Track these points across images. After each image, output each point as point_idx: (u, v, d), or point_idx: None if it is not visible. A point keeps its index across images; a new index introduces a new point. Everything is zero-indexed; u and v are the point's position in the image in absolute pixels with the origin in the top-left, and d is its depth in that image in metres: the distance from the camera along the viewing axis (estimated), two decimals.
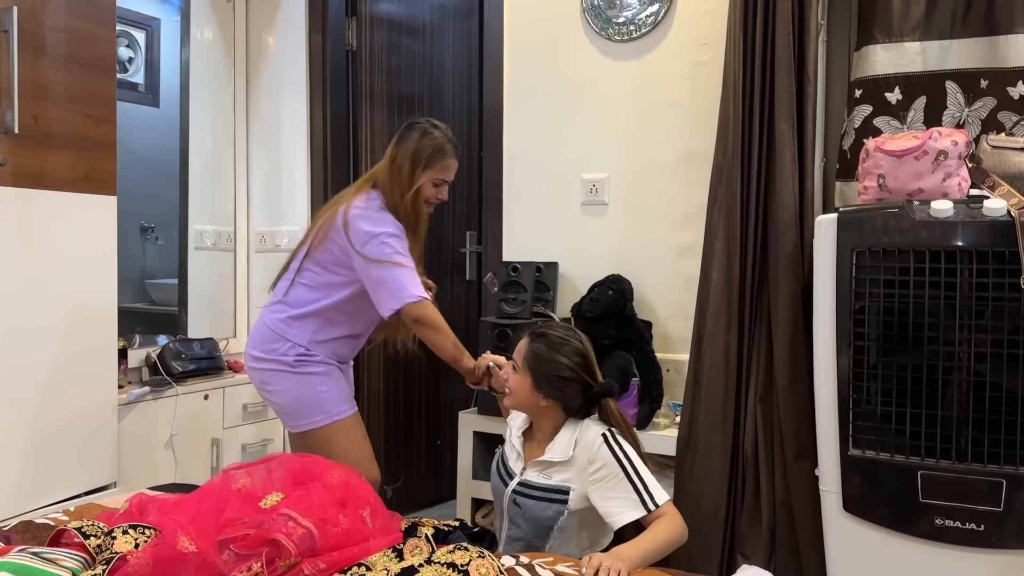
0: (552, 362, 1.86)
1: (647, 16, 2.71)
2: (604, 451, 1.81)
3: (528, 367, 1.88)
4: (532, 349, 1.89)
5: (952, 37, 2.25)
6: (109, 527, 1.51)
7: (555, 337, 1.90)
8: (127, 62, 3.66)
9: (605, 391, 1.89)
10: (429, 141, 2.24)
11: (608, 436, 1.83)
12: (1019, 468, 1.80)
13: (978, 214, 1.83)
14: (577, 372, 1.87)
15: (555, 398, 1.88)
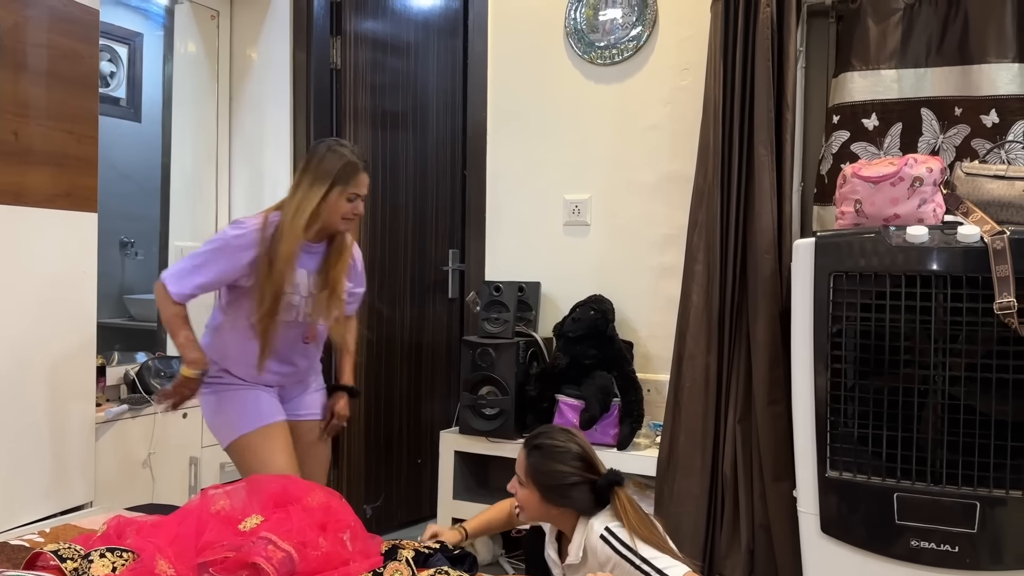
0: (553, 472, 1.84)
1: (629, 41, 2.74)
2: (608, 551, 1.77)
3: (532, 481, 1.86)
4: (531, 463, 1.87)
5: (927, 65, 2.30)
6: (86, 550, 1.49)
7: (550, 446, 1.87)
8: (109, 77, 3.65)
9: (611, 482, 1.85)
10: (335, 157, 2.21)
11: (606, 535, 1.79)
12: (993, 491, 1.83)
13: (952, 240, 1.86)
14: (580, 474, 1.85)
15: (565, 505, 1.86)
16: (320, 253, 2.27)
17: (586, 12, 2.81)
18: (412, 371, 3.54)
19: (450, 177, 3.67)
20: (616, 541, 1.78)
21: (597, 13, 2.79)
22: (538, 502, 1.86)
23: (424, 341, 3.57)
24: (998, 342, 1.82)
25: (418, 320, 3.55)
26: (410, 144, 3.51)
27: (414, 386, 3.54)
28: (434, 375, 3.62)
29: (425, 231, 3.59)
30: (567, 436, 1.89)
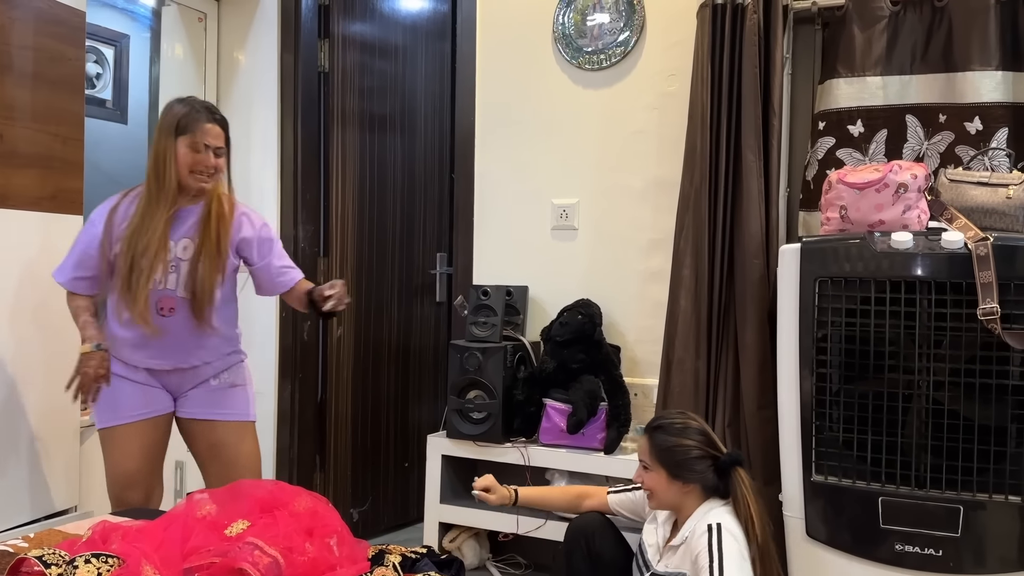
0: (679, 448, 1.93)
1: (617, 46, 2.75)
2: (703, 541, 1.83)
3: (659, 461, 1.94)
4: (656, 443, 1.95)
5: (912, 73, 2.32)
6: (71, 556, 1.48)
7: (671, 424, 1.97)
8: (95, 78, 3.63)
9: (733, 460, 1.93)
10: (176, 108, 2.15)
11: (714, 528, 1.83)
12: (976, 495, 1.84)
13: (937, 246, 1.88)
14: (704, 449, 1.94)
15: (693, 480, 1.93)
16: (192, 217, 2.19)
17: (574, 17, 2.81)
18: (399, 374, 3.53)
19: (438, 180, 3.67)
20: (715, 540, 1.83)
21: (585, 18, 2.80)
22: (666, 482, 1.94)
23: (411, 344, 3.57)
24: (981, 347, 1.83)
25: (405, 323, 3.55)
26: (398, 147, 3.51)
27: (401, 390, 3.54)
28: (421, 379, 3.62)
29: (413, 234, 3.58)
30: (685, 416, 2.01)
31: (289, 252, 3.13)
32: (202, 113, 2.14)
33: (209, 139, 2.14)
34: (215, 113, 2.19)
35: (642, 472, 1.98)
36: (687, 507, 1.94)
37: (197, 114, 2.13)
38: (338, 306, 2.23)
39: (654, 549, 2.02)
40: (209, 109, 2.18)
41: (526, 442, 2.64)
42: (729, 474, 1.92)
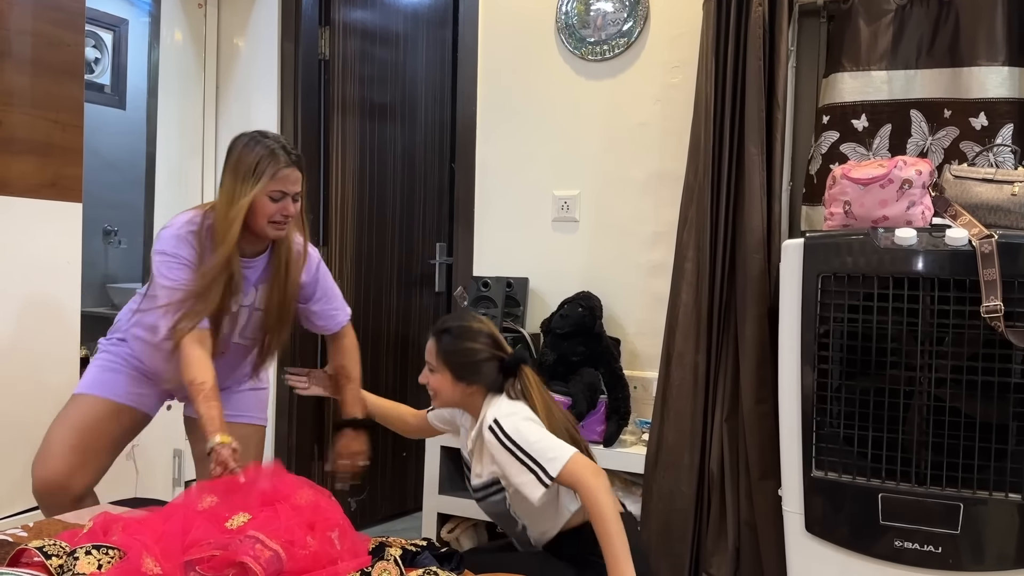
0: (464, 350, 1.91)
1: (620, 37, 2.73)
2: (493, 441, 1.81)
3: (443, 363, 1.92)
4: (442, 346, 1.92)
5: (917, 67, 2.30)
6: (72, 547, 1.48)
7: (458, 327, 1.94)
8: (93, 63, 3.60)
9: (518, 360, 1.92)
10: (254, 150, 1.95)
11: (494, 426, 1.81)
12: (976, 492, 1.84)
13: (941, 243, 1.87)
14: (490, 351, 1.92)
15: (477, 382, 1.91)
16: (259, 267, 2.06)
17: (577, 7, 2.79)
18: (398, 364, 3.53)
19: (438, 170, 3.66)
20: (500, 433, 1.80)
21: (588, 7, 2.78)
22: (450, 384, 1.92)
23: (410, 334, 3.57)
24: (984, 345, 1.83)
25: (404, 313, 3.54)
26: (398, 136, 3.49)
27: (399, 379, 3.54)
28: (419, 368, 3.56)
29: (412, 224, 3.57)
30: (473, 318, 1.98)
31: None
32: (281, 155, 1.95)
33: (289, 186, 1.97)
34: (292, 154, 2.00)
35: (427, 374, 1.96)
36: (473, 407, 1.95)
37: (275, 158, 1.94)
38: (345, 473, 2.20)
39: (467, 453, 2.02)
40: (286, 149, 1.99)
41: None
42: (515, 374, 1.91)
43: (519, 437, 1.79)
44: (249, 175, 1.92)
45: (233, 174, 1.95)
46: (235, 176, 1.94)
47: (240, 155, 1.95)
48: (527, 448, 1.77)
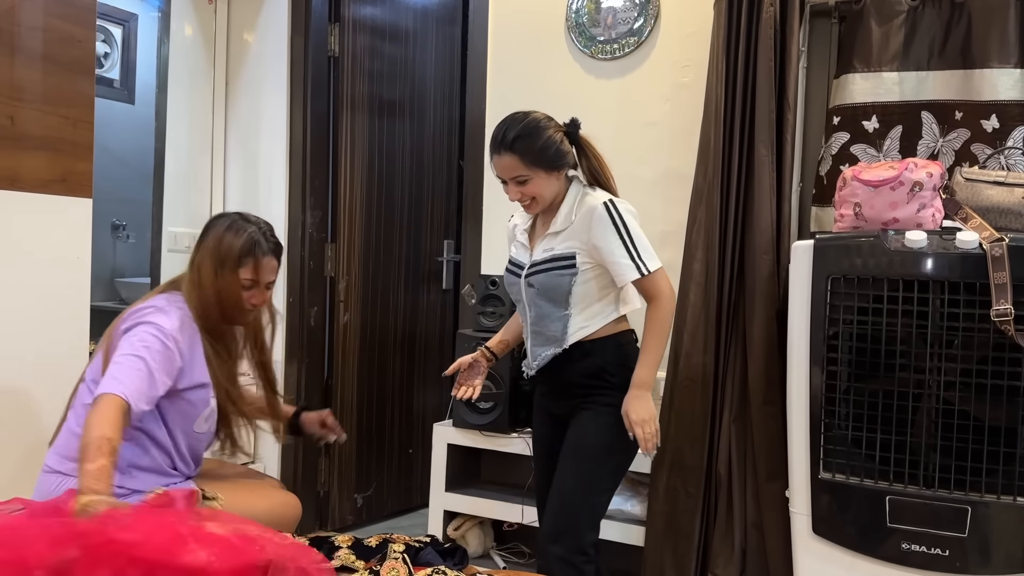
0: (546, 142, 1.95)
1: (631, 35, 2.73)
2: (602, 218, 1.92)
3: (535, 164, 1.94)
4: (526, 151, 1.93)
5: (929, 69, 2.30)
6: None
7: (525, 127, 1.96)
8: (103, 57, 3.61)
9: (576, 124, 2.02)
10: (236, 235, 1.89)
11: (609, 204, 1.93)
12: (984, 495, 1.84)
13: (951, 245, 1.87)
14: (558, 129, 1.99)
15: (564, 166, 1.98)
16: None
17: (588, 5, 2.79)
18: (404, 361, 3.53)
19: (446, 167, 3.66)
20: (616, 214, 1.93)
21: (599, 6, 2.77)
22: (546, 180, 1.96)
23: (417, 331, 3.57)
24: (993, 348, 1.83)
25: (412, 310, 3.55)
26: (407, 133, 3.49)
27: (406, 376, 3.54)
28: (426, 366, 3.62)
29: (420, 221, 3.57)
30: (524, 114, 1.99)
31: (297, 238, 3.15)
32: (263, 241, 1.91)
33: (263, 275, 1.92)
34: (271, 241, 1.95)
35: (518, 189, 1.96)
36: (560, 193, 2.00)
37: (256, 244, 1.89)
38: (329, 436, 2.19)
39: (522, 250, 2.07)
40: (270, 237, 1.94)
41: None
42: (577, 138, 2.01)
43: (630, 223, 1.94)
44: (232, 263, 1.87)
45: (213, 258, 1.88)
46: (215, 260, 1.88)
47: (222, 238, 1.89)
48: (634, 237, 1.93)
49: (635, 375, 1.93)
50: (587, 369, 1.97)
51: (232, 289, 1.88)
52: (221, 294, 1.88)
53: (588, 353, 1.97)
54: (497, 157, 1.97)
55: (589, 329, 1.98)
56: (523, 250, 2.07)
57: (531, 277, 2.00)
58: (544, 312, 2.00)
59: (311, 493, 3.17)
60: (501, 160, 1.96)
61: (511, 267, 2.10)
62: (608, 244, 1.92)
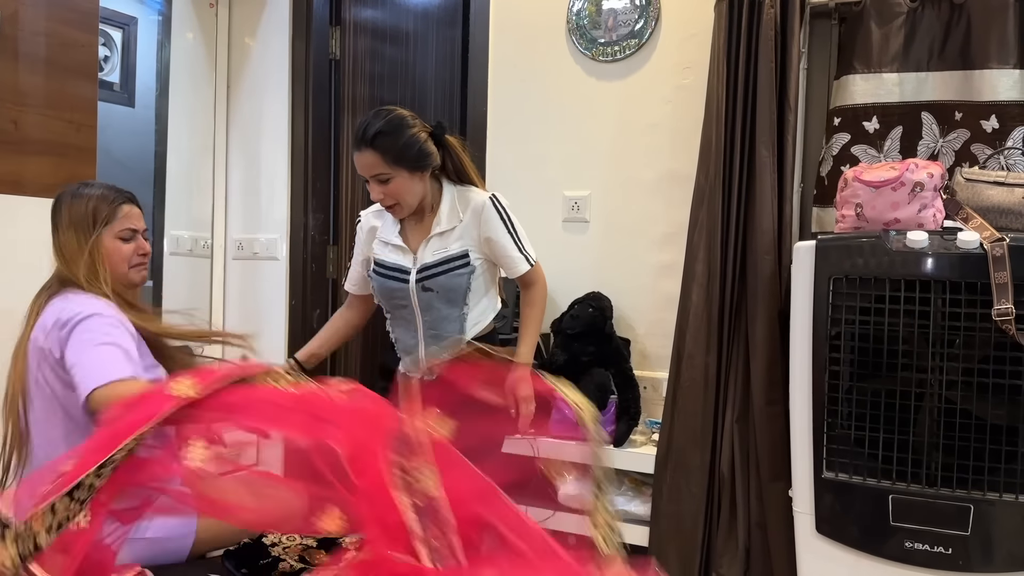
0: (409, 140, 1.93)
1: (631, 37, 2.74)
2: (492, 213, 2.01)
3: (397, 163, 1.92)
4: (386, 148, 1.89)
5: (929, 69, 2.31)
6: None
7: (388, 123, 1.92)
8: (103, 61, 3.62)
9: (442, 127, 2.01)
10: (82, 200, 1.81)
11: (495, 199, 2.02)
12: (986, 494, 1.85)
13: (952, 246, 1.88)
14: (424, 128, 1.98)
15: (427, 167, 1.97)
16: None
17: (589, 8, 2.80)
18: None
19: None
20: (503, 209, 2.03)
21: (600, 8, 2.78)
22: (409, 181, 1.96)
23: None
24: (994, 347, 1.84)
25: None
26: None
27: None
28: None
29: None
30: (389, 110, 1.98)
31: (299, 240, 3.16)
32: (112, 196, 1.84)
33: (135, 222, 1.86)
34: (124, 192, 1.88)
35: (379, 188, 1.93)
36: (428, 194, 2.00)
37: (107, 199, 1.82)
38: None
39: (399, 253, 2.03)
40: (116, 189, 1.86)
41: (535, 434, 2.64)
42: (443, 139, 2.01)
43: (513, 217, 2.04)
44: (91, 226, 1.79)
45: (76, 229, 1.78)
46: (78, 230, 1.78)
47: (71, 209, 1.80)
48: (518, 230, 2.05)
49: (520, 355, 2.03)
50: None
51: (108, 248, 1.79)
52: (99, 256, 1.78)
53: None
54: (358, 153, 1.93)
55: (481, 324, 2.05)
56: (400, 253, 2.03)
57: (427, 281, 1.99)
58: (441, 315, 2.01)
59: None
60: (362, 157, 1.91)
61: (388, 271, 2.03)
62: (500, 238, 2.01)
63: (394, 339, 2.10)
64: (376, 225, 2.09)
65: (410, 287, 2.00)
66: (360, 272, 2.15)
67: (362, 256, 2.13)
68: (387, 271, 2.04)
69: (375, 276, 2.06)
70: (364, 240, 2.11)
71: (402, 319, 2.06)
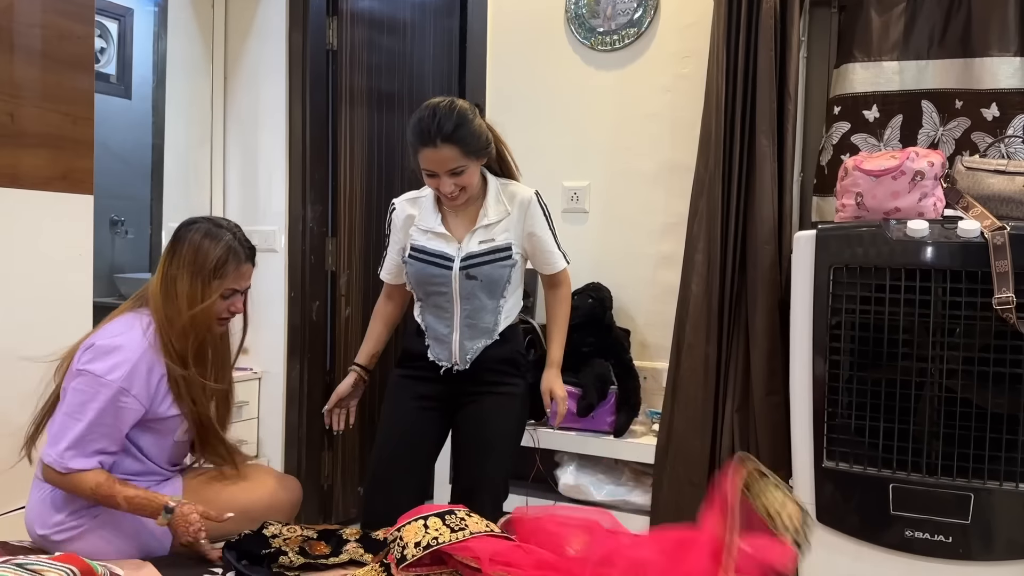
0: (479, 130, 1.94)
1: (630, 27, 2.73)
2: (537, 209, 2.05)
3: (473, 155, 1.93)
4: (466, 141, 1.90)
5: (929, 58, 2.30)
6: None
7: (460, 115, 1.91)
8: (99, 53, 3.60)
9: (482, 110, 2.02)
10: (213, 244, 1.82)
11: (538, 195, 2.06)
12: (986, 482, 1.86)
13: (952, 234, 1.88)
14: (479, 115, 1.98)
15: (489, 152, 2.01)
16: None
17: None
18: None
19: None
20: (545, 206, 2.07)
21: None
22: (476, 170, 1.99)
23: None
24: (995, 336, 1.84)
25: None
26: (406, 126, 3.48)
27: None
28: None
29: None
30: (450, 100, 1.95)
31: (297, 232, 3.15)
32: (240, 248, 1.85)
33: (243, 283, 1.87)
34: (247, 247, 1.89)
35: (452, 180, 1.91)
36: (477, 190, 2.02)
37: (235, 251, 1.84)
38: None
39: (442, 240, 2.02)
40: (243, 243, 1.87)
41: (536, 424, 2.65)
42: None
43: (551, 216, 2.10)
44: (207, 270, 1.80)
45: (191, 270, 1.80)
46: (193, 272, 1.80)
47: (199, 247, 1.81)
48: (555, 229, 2.10)
49: (552, 355, 2.13)
50: (502, 355, 2.05)
51: (208, 301, 1.81)
52: (196, 307, 1.79)
53: (506, 340, 2.05)
54: (432, 150, 1.89)
55: (511, 318, 2.07)
56: (443, 240, 2.02)
57: (472, 269, 1.99)
58: (480, 304, 2.01)
59: (315, 486, 3.18)
60: (438, 153, 1.89)
61: (430, 257, 2.02)
62: (543, 234, 2.05)
63: (424, 326, 2.08)
64: (412, 213, 2.07)
65: (453, 274, 2.00)
66: (397, 261, 2.13)
67: (399, 245, 2.10)
68: (428, 256, 2.02)
69: (412, 261, 2.04)
70: (401, 228, 2.09)
71: (436, 307, 2.05)
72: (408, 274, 2.08)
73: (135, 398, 1.75)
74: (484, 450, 2.04)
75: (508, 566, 1.40)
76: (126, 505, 1.71)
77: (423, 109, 1.94)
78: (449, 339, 2.04)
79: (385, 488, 2.07)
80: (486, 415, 2.05)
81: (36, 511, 1.82)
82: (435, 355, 2.06)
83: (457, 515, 1.56)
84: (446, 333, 2.04)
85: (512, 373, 2.09)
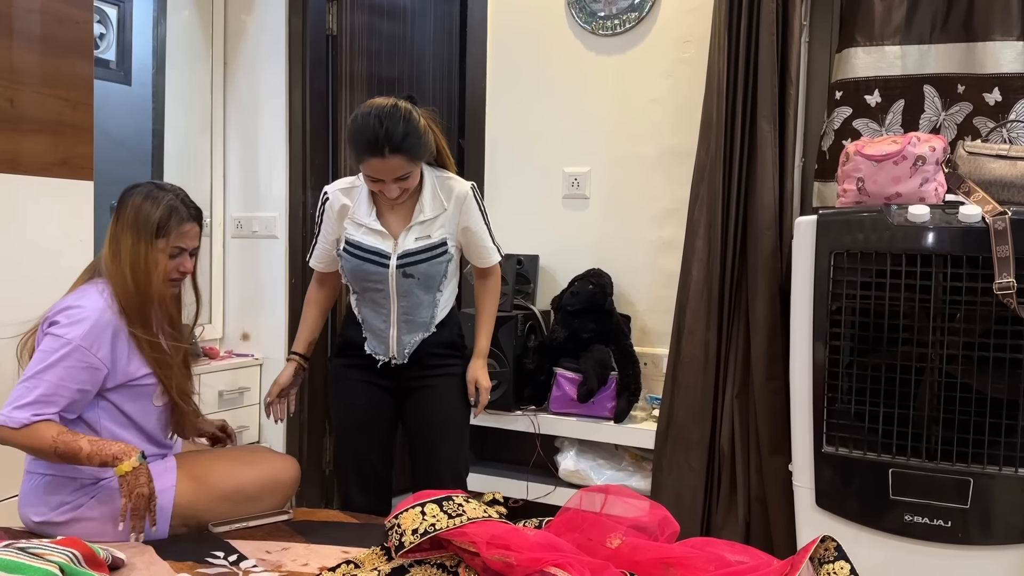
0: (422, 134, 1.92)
1: (631, 11, 2.71)
2: (473, 204, 2.05)
3: (416, 160, 1.92)
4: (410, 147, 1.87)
5: (931, 42, 2.28)
6: None
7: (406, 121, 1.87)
8: (98, 38, 3.58)
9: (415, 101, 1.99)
10: (153, 204, 1.84)
11: (474, 189, 2.06)
12: (986, 467, 1.86)
13: (954, 219, 1.87)
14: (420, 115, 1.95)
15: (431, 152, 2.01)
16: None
17: None
18: None
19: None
20: (480, 200, 2.08)
21: None
22: (419, 170, 1.99)
23: None
24: (996, 321, 1.84)
25: None
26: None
27: None
28: None
29: None
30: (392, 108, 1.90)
31: (298, 218, 3.14)
32: (182, 208, 1.87)
33: (188, 241, 1.89)
34: (191, 207, 1.91)
35: (397, 185, 1.91)
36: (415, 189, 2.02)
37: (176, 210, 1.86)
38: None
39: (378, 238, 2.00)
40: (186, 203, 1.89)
41: (536, 410, 2.66)
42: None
43: (486, 209, 2.10)
44: (153, 233, 1.82)
45: (134, 231, 1.82)
46: (136, 233, 1.82)
47: (140, 209, 1.83)
48: (490, 222, 2.10)
49: (480, 345, 2.14)
50: (440, 341, 2.07)
51: (154, 259, 1.83)
52: (142, 265, 1.82)
53: (443, 327, 2.07)
54: (380, 160, 1.86)
55: (447, 309, 2.09)
56: (379, 237, 1.99)
57: (409, 267, 1.98)
58: (417, 300, 2.02)
59: (316, 471, 3.19)
60: (386, 163, 1.86)
61: (365, 254, 2.00)
62: (478, 229, 2.06)
63: (360, 318, 2.08)
64: (347, 204, 2.04)
65: (390, 272, 1.99)
66: (329, 250, 2.10)
67: (334, 236, 2.07)
68: (364, 253, 2.00)
69: (348, 256, 2.02)
70: (335, 219, 2.06)
71: (373, 302, 2.04)
72: (343, 268, 2.06)
73: (96, 356, 1.76)
74: (436, 435, 2.10)
75: (506, 548, 1.41)
76: (89, 448, 1.69)
77: (366, 116, 1.87)
78: (386, 334, 2.05)
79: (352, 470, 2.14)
80: (433, 400, 2.09)
81: (28, 499, 1.84)
82: (372, 349, 2.07)
83: (455, 501, 1.57)
84: (383, 328, 2.05)
85: (452, 355, 2.12)
